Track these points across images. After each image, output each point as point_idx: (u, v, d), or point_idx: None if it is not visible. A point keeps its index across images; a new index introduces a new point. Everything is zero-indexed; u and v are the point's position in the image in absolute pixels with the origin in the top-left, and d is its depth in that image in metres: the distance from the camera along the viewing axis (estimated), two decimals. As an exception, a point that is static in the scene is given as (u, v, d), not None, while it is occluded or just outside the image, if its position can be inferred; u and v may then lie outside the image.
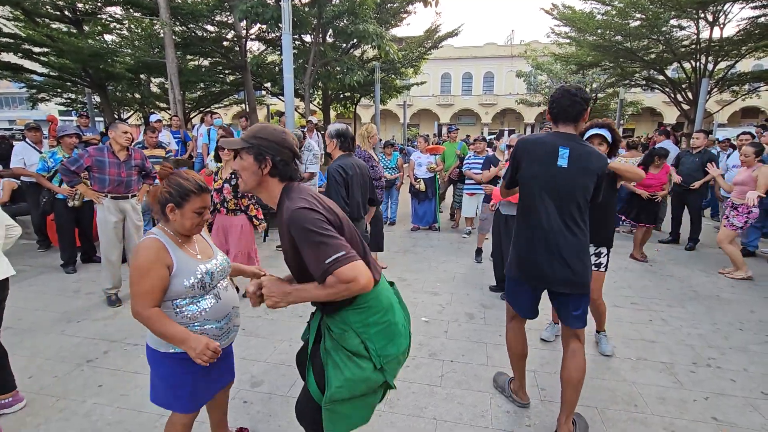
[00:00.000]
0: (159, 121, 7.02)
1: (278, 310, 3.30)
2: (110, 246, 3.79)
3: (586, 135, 2.71)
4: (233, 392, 2.44)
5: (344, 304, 1.44)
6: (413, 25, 46.21)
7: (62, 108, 15.17)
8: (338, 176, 3.20)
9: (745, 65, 17.42)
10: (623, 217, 5.58)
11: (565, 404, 2.13)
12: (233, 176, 3.65)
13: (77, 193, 4.42)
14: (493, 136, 6.97)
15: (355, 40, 11.29)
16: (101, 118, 13.04)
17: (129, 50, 11.18)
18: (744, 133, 5.84)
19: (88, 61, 9.17)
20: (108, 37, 11.88)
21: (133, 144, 5.72)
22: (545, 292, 2.21)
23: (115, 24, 11.14)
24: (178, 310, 1.58)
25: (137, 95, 14.00)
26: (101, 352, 2.99)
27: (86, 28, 10.28)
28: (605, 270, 2.92)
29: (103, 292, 3.89)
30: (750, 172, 4.55)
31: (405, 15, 13.79)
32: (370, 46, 10.38)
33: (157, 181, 2.58)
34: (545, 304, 2.33)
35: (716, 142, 8.98)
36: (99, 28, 10.80)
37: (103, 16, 10.57)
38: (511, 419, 2.33)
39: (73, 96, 14.02)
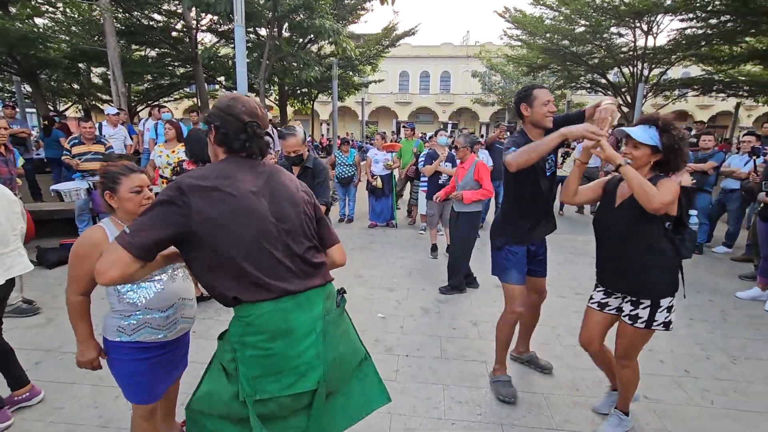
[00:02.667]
0: (118, 113, 6.58)
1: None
2: None
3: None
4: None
5: (231, 308, 1.29)
6: (371, 22, 46.55)
7: (-14, 98, 13.81)
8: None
9: (675, 72, 18.97)
10: None
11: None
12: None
13: None
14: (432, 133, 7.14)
15: (311, 36, 11.13)
16: (33, 110, 12.02)
17: (64, 36, 10.34)
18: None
19: (15, 46, 8.38)
20: (39, 21, 10.92)
21: (68, 140, 5.33)
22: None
23: (47, 7, 10.25)
24: (120, 297, 1.57)
25: (75, 86, 13.01)
26: (32, 363, 2.77)
27: (13, 10, 9.40)
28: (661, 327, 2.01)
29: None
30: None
31: (362, 12, 13.77)
32: (327, 41, 10.27)
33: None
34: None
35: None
36: (28, 10, 9.90)
37: (33, -2, 9.72)
38: (463, 410, 2.41)
39: (-1, 84, 12.82)
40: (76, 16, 11.00)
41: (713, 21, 10.50)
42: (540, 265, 2.61)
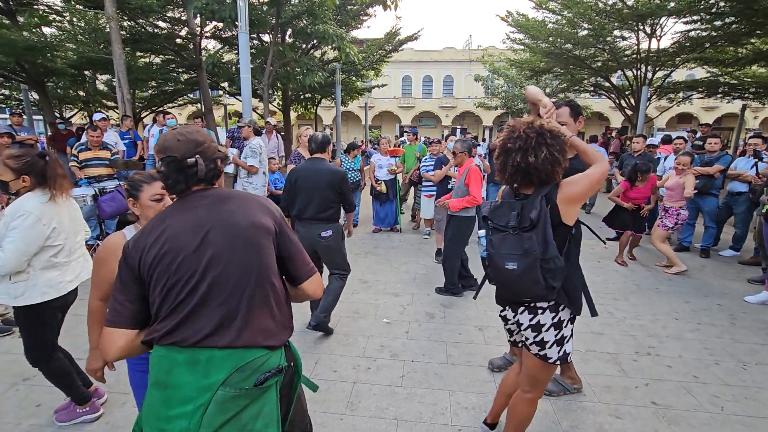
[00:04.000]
0: (104, 119, 6.62)
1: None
2: None
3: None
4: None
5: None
6: (374, 27, 46.71)
7: (-6, 106, 13.98)
8: (287, 180, 3.27)
9: (680, 75, 18.91)
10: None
11: None
12: None
13: None
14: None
15: (315, 41, 11.20)
16: (40, 117, 12.14)
17: (71, 45, 10.46)
18: (678, 137, 6.32)
19: (23, 55, 8.49)
20: (47, 30, 11.07)
21: (75, 146, 5.38)
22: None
23: (54, 16, 10.39)
24: None
25: (81, 93, 13.14)
26: (40, 369, 2.78)
27: (21, 19, 9.53)
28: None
29: None
30: (678, 178, 4.94)
31: (365, 17, 13.85)
32: (330, 47, 10.33)
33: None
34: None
35: (647, 147, 9.64)
36: (36, 19, 10.03)
37: (41, 7, 9.84)
38: (469, 416, 2.39)
39: (7, 92, 12.95)
40: (82, 24, 11.13)
41: (718, 23, 10.46)
42: None
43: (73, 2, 9.78)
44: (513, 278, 1.66)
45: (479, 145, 6.49)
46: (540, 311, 1.77)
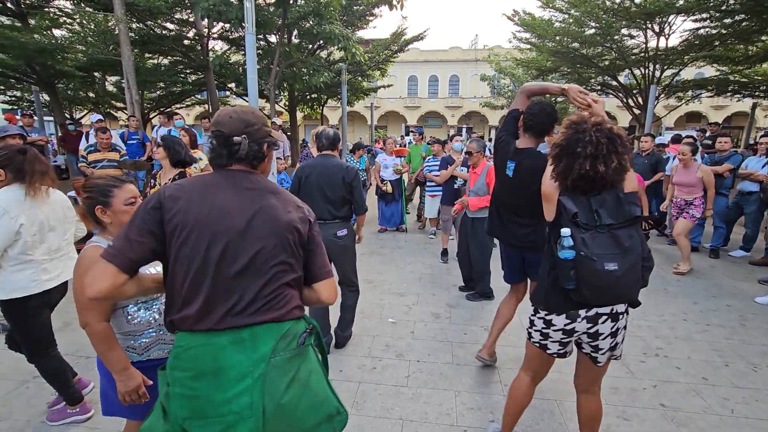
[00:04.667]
0: (101, 120, 6.69)
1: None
2: None
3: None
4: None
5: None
6: (380, 28, 46.70)
7: (6, 107, 14.19)
8: (295, 176, 3.11)
9: (689, 73, 18.69)
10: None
11: None
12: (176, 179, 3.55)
13: None
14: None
15: (321, 42, 11.22)
16: (51, 118, 12.30)
17: (81, 47, 10.59)
18: (688, 136, 6.25)
19: (34, 57, 8.61)
20: (57, 32, 11.21)
21: (85, 147, 5.45)
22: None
23: (65, 18, 10.52)
24: (129, 317, 1.52)
25: (91, 94, 13.30)
26: (50, 366, 2.81)
27: (32, 21, 9.66)
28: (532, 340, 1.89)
29: None
30: (694, 173, 4.84)
31: (371, 18, 13.85)
32: (336, 47, 10.34)
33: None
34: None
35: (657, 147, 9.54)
36: (47, 22, 10.16)
37: (52, 10, 9.97)
38: (475, 416, 2.39)
39: (18, 94, 13.14)
40: (92, 26, 11.27)
41: (728, 20, 10.32)
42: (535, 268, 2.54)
43: (82, 5, 9.91)
44: (613, 280, 1.50)
45: (485, 145, 6.47)
46: (621, 317, 1.66)
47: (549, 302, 1.70)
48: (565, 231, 1.54)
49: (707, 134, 8.59)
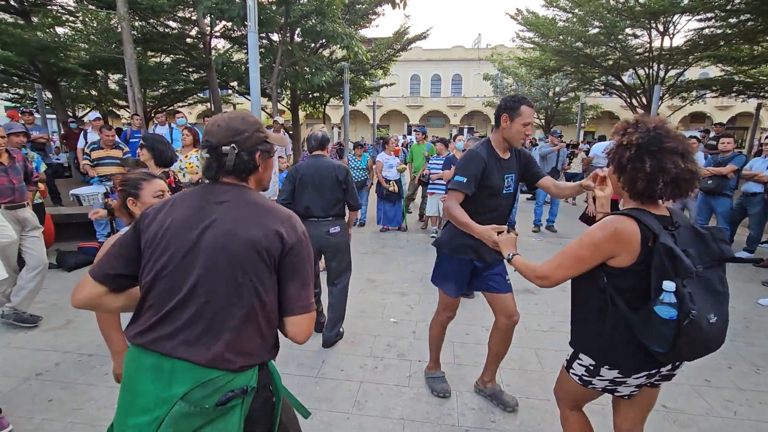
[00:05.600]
0: (99, 119, 6.71)
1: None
2: (5, 262, 3.19)
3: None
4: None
5: None
6: (382, 26, 46.64)
7: (9, 104, 14.23)
8: (288, 176, 3.17)
9: (693, 73, 18.60)
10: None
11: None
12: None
13: None
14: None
15: (323, 40, 11.22)
16: (54, 116, 12.34)
17: (84, 44, 10.61)
18: (691, 137, 6.22)
19: (37, 55, 8.62)
20: (60, 30, 11.24)
21: (88, 145, 5.46)
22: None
23: (67, 16, 10.54)
24: None
25: (93, 92, 13.32)
26: (52, 364, 2.83)
27: (35, 19, 9.67)
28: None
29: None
30: None
31: (374, 16, 13.83)
32: (338, 46, 10.34)
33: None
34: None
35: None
36: (50, 19, 10.18)
37: (55, 8, 9.98)
38: (476, 417, 2.38)
39: (21, 92, 13.18)
40: (94, 24, 11.28)
41: (733, 20, 10.27)
42: (500, 281, 2.32)
43: (85, 2, 9.92)
44: (714, 333, 1.28)
45: None
46: None
47: (620, 363, 1.39)
48: (670, 285, 1.21)
49: (711, 135, 8.55)
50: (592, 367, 1.46)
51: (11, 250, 3.35)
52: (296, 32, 12.01)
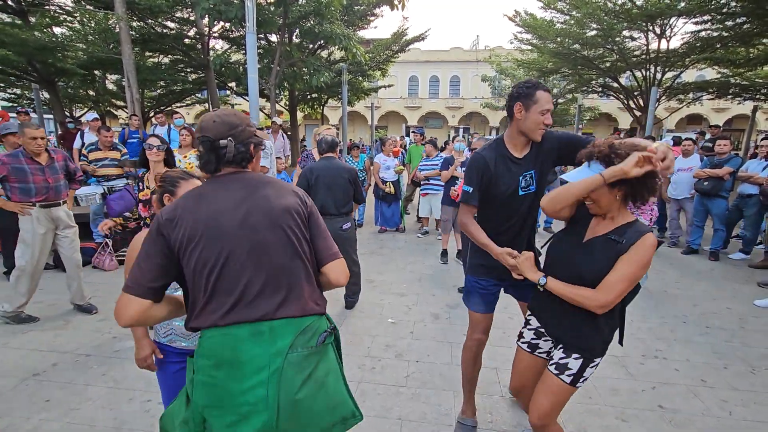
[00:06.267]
0: (96, 119, 6.71)
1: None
2: (34, 260, 3.38)
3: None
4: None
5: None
6: (381, 28, 46.67)
7: (6, 104, 14.18)
8: (302, 177, 3.58)
9: (690, 75, 18.70)
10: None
11: None
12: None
13: None
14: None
15: (322, 41, 11.24)
16: (51, 116, 12.30)
17: (81, 45, 10.59)
18: (687, 139, 6.26)
19: (35, 55, 8.60)
20: (58, 30, 11.21)
21: (86, 145, 5.45)
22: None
23: (65, 16, 10.52)
24: None
25: (91, 92, 13.29)
26: (49, 364, 2.82)
27: (32, 19, 9.65)
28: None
29: (6, 314, 3.37)
30: None
31: (372, 18, 13.86)
32: (337, 47, 10.35)
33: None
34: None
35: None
36: (47, 19, 10.16)
37: (52, 8, 9.96)
38: (474, 416, 2.39)
39: (18, 91, 13.14)
40: (92, 24, 11.25)
41: (729, 23, 10.33)
42: (528, 291, 2.03)
43: (83, 3, 9.90)
44: None
45: None
46: None
47: (605, 347, 1.68)
48: None
49: (707, 137, 8.60)
50: (586, 361, 1.64)
51: (43, 246, 3.44)
52: (295, 33, 12.03)
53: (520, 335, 1.88)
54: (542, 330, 1.79)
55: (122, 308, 1.16)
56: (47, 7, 9.76)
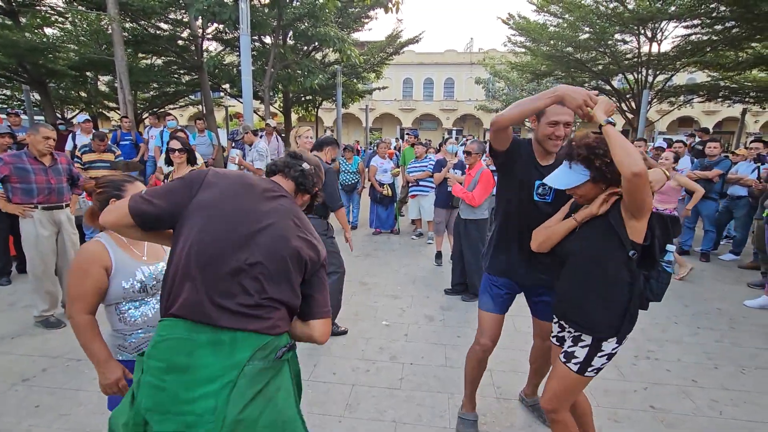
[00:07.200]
0: (88, 121, 6.65)
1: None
2: (42, 263, 3.36)
3: None
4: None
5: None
6: (375, 30, 46.83)
7: (-4, 105, 14.01)
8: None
9: (681, 78, 18.91)
10: None
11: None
12: None
13: None
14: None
15: (316, 43, 11.24)
16: (41, 117, 12.17)
17: (73, 46, 10.49)
18: (678, 141, 6.33)
19: (25, 56, 8.51)
20: (49, 31, 11.10)
21: (79, 148, 5.41)
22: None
23: (56, 17, 10.42)
24: (121, 315, 1.55)
25: (83, 94, 13.17)
26: (39, 369, 2.78)
27: (23, 20, 9.56)
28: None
29: (35, 318, 3.39)
30: (669, 182, 4.63)
31: (366, 20, 13.89)
32: (331, 49, 10.36)
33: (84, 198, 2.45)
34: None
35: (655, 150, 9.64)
36: (38, 20, 10.06)
37: (43, 8, 9.87)
38: (468, 418, 2.39)
39: (8, 93, 12.98)
40: (84, 25, 11.16)
41: (718, 27, 10.48)
42: (544, 308, 2.11)
43: (75, 3, 9.82)
44: None
45: (485, 148, 6.58)
46: None
47: (625, 330, 1.62)
48: (672, 246, 1.64)
49: (697, 139, 8.71)
50: (594, 347, 1.64)
51: (48, 249, 3.41)
52: (289, 35, 12.01)
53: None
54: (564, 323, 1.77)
55: (110, 210, 1.19)
56: (38, 7, 9.67)
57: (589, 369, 1.65)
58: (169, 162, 3.40)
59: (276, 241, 1.21)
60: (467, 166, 4.26)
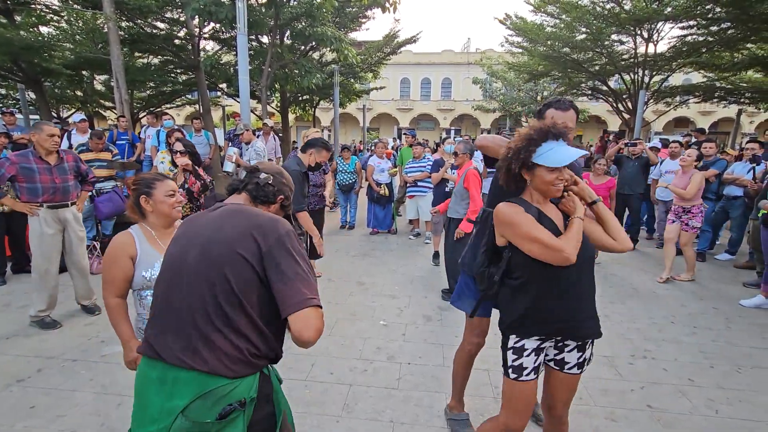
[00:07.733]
0: (84, 120, 6.61)
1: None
2: (47, 262, 3.37)
3: None
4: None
5: None
6: (372, 30, 46.75)
7: (-9, 104, 13.91)
8: None
9: (677, 79, 19.00)
10: None
11: None
12: (186, 181, 3.58)
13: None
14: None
15: (313, 43, 11.20)
16: (37, 116, 12.09)
17: (69, 44, 10.43)
18: (674, 141, 6.36)
19: (20, 55, 8.45)
20: (44, 30, 11.02)
21: (75, 147, 5.38)
22: None
23: (52, 15, 10.35)
24: (142, 301, 1.71)
25: (79, 93, 13.09)
26: (34, 370, 2.77)
27: (18, 18, 9.49)
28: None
29: (31, 318, 3.38)
30: (687, 177, 4.68)
31: (364, 20, 13.86)
32: (328, 49, 10.33)
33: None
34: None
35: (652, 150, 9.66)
36: (33, 19, 9.99)
37: (39, 7, 9.80)
38: (465, 418, 2.39)
39: (3, 92, 12.89)
40: (80, 24, 11.09)
41: (714, 28, 10.53)
42: None
43: (70, 2, 9.76)
44: None
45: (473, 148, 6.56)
46: None
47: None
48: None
49: (693, 140, 8.75)
50: (517, 345, 1.64)
51: (52, 248, 3.41)
52: (286, 34, 11.98)
53: (523, 367, 1.66)
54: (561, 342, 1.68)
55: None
56: (33, 6, 9.60)
57: (523, 375, 1.64)
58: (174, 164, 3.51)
59: (215, 248, 1.12)
60: (457, 166, 4.28)
